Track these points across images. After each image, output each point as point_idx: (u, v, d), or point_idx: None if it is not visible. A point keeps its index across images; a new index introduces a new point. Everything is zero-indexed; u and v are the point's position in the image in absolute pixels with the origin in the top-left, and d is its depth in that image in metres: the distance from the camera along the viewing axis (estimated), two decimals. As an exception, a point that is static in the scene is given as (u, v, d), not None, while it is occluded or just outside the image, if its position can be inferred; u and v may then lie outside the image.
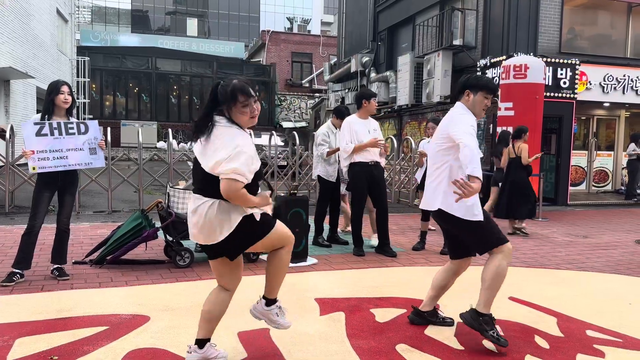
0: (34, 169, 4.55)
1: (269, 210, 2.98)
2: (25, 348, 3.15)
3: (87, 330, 3.45)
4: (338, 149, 6.39)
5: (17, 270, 4.51)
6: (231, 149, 2.65)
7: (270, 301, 3.07)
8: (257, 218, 2.85)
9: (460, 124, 3.37)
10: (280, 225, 2.96)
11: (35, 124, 4.57)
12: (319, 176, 6.58)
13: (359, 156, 5.92)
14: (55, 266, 4.71)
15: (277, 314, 3.08)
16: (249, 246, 2.90)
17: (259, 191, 2.94)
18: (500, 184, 8.24)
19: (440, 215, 3.48)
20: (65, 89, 4.57)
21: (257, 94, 2.81)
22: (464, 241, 3.54)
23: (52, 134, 4.58)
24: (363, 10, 20.37)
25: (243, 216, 2.78)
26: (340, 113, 6.64)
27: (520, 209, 7.69)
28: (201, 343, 2.93)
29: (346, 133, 5.97)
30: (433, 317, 3.75)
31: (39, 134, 4.54)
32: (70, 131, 4.66)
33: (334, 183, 6.54)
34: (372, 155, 5.94)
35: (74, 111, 4.85)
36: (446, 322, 3.76)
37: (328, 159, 6.48)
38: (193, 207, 2.80)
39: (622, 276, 5.46)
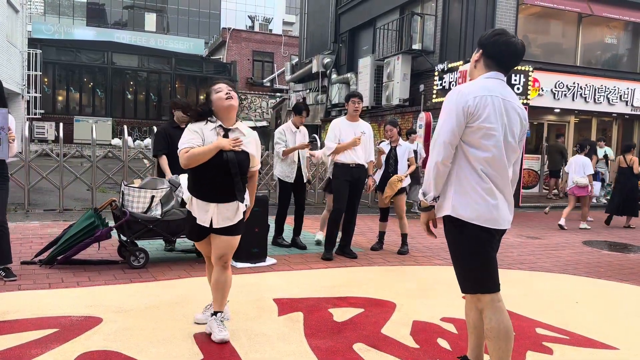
0: None
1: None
2: (-32, 352, 3.01)
3: (36, 333, 3.32)
4: (295, 149, 6.29)
5: None
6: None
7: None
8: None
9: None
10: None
11: None
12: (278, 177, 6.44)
13: (341, 157, 5.88)
14: (1, 266, 4.52)
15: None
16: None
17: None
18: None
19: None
20: None
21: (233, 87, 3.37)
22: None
23: None
24: (325, 11, 20.43)
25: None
26: (298, 110, 6.42)
27: (636, 208, 9.59)
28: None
29: (330, 133, 5.94)
30: None
31: None
32: None
33: (291, 183, 6.35)
34: (353, 157, 5.88)
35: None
36: None
37: (285, 158, 6.29)
38: None
39: (570, 276, 5.69)
